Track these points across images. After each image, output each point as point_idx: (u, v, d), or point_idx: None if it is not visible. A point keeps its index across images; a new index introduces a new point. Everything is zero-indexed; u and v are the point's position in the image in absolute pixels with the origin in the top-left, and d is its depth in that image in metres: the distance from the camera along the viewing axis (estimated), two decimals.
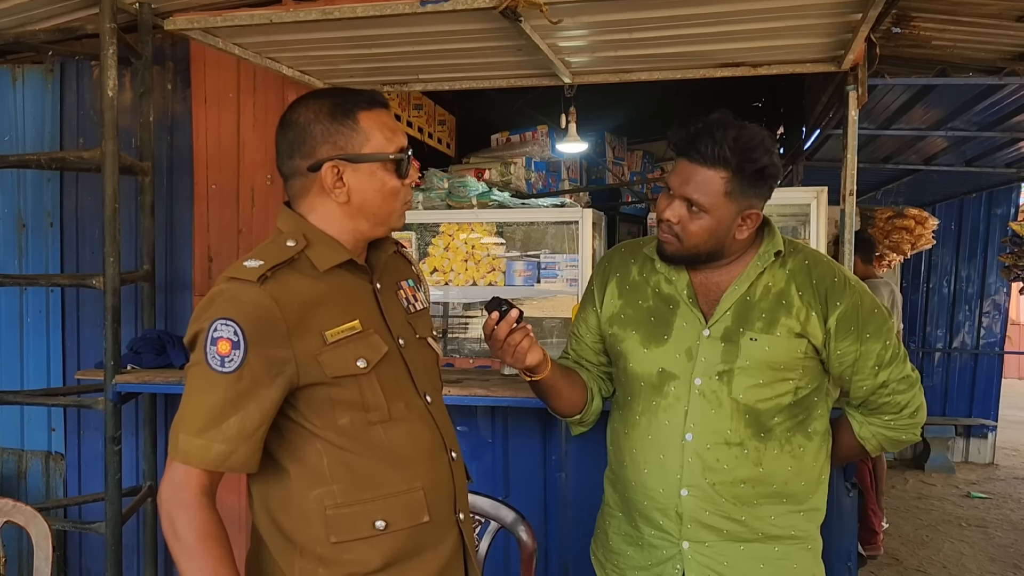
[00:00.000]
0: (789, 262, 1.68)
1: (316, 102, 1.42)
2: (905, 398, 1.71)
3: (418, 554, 1.41)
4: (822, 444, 1.72)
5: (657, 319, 1.71)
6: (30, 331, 3.88)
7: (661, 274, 1.74)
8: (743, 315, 1.64)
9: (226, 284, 1.33)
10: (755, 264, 1.67)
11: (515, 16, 2.40)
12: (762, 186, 1.62)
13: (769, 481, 1.63)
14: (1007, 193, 7.22)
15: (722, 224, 1.62)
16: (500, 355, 1.68)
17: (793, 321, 1.63)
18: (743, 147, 1.56)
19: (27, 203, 3.88)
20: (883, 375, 1.68)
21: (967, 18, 3.18)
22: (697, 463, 1.62)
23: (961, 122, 4.48)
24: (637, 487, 1.70)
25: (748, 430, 1.62)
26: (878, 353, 1.66)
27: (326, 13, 2.45)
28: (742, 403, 1.62)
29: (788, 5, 2.43)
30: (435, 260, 3.96)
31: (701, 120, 1.60)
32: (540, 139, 5.51)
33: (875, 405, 1.73)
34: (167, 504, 1.30)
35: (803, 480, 1.67)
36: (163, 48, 3.62)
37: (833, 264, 1.72)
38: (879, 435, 1.77)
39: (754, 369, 1.62)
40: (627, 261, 1.82)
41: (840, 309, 1.63)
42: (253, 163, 3.55)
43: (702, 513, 1.63)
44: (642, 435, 1.70)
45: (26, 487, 3.90)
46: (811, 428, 1.69)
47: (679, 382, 1.66)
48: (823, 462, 1.72)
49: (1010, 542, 5.04)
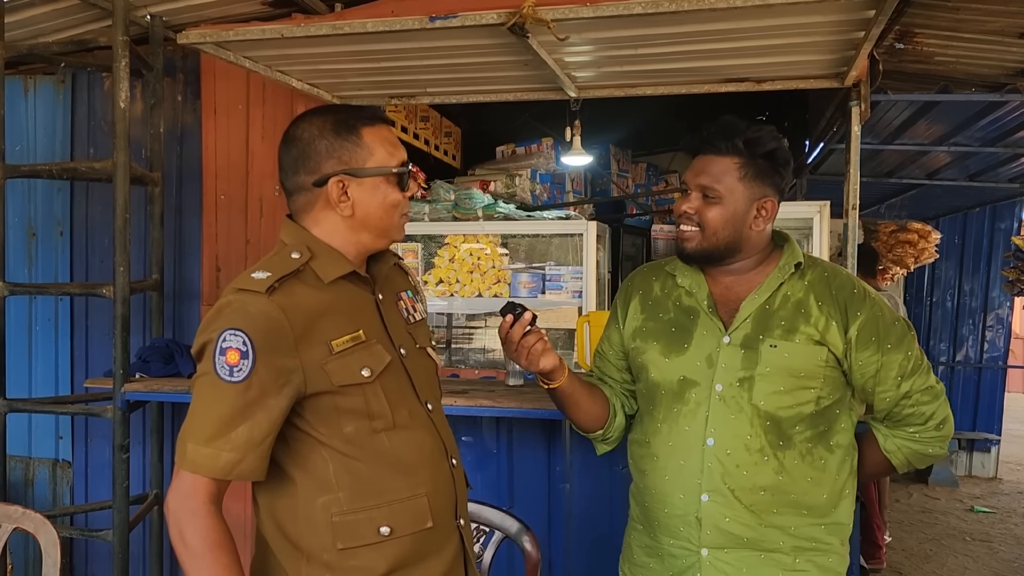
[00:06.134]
0: (808, 274, 1.71)
1: (319, 119, 1.45)
2: (929, 409, 1.70)
3: (422, 560, 1.43)
4: (845, 458, 1.71)
5: (678, 330, 1.74)
6: (39, 339, 3.92)
7: (682, 288, 1.77)
8: (762, 323, 1.67)
9: (234, 295, 1.35)
10: (775, 275, 1.70)
11: (522, 32, 2.43)
12: (775, 174, 1.69)
13: (788, 490, 1.64)
14: (1010, 207, 7.22)
15: (738, 211, 1.67)
16: (514, 358, 1.72)
17: (812, 329, 1.65)
18: (752, 135, 1.66)
19: (37, 212, 3.92)
20: (906, 386, 1.68)
21: (969, 34, 3.20)
22: (718, 468, 1.63)
23: (964, 137, 4.50)
24: (658, 495, 1.71)
25: (768, 437, 1.63)
26: (900, 363, 1.67)
27: (336, 28, 2.49)
28: (763, 409, 1.63)
29: (792, 23, 2.46)
30: (440, 271, 3.99)
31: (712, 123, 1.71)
32: (545, 151, 5.54)
33: (899, 417, 1.72)
34: (175, 513, 1.32)
35: (824, 493, 1.67)
36: (174, 60, 3.67)
37: (852, 277, 1.74)
38: (904, 448, 1.75)
39: (775, 376, 1.63)
40: (649, 279, 1.86)
41: (860, 319, 1.65)
42: (262, 174, 3.58)
43: (721, 519, 1.63)
44: (663, 442, 1.71)
45: (33, 495, 3.92)
46: (833, 441, 1.69)
47: (700, 388, 1.68)
48: (847, 476, 1.71)
49: (1014, 556, 5.02)
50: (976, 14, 2.96)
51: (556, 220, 4.07)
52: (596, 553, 2.95)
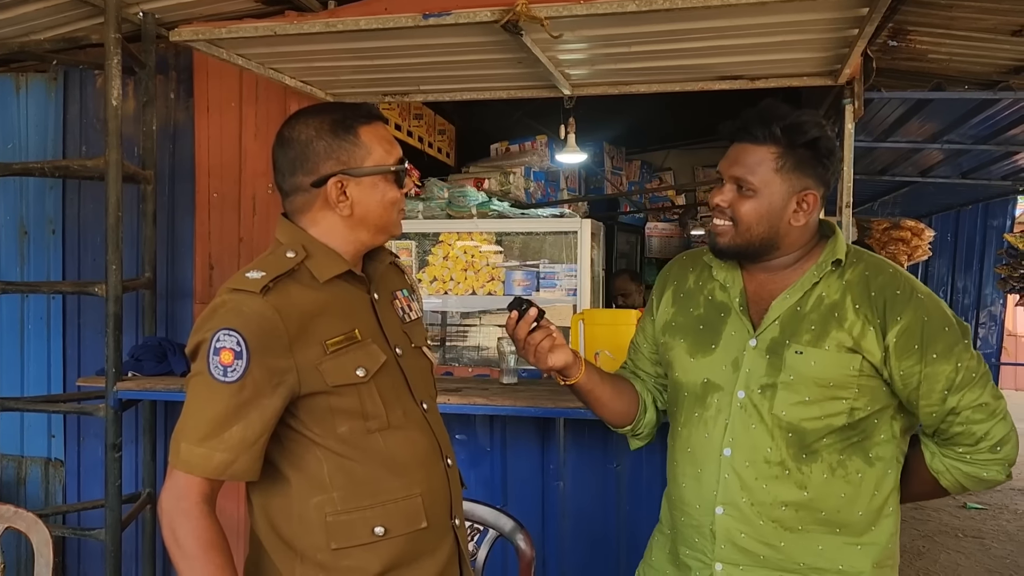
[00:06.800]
0: (848, 272, 1.55)
1: (316, 119, 1.43)
2: (983, 428, 1.50)
3: (416, 560, 1.43)
4: (888, 472, 1.55)
5: (706, 327, 1.63)
6: (31, 338, 3.90)
7: (717, 281, 1.66)
8: (791, 326, 1.54)
9: (228, 295, 1.34)
10: (811, 273, 1.56)
11: (516, 30, 2.42)
12: (816, 165, 1.54)
13: (817, 507, 1.51)
14: (1003, 205, 7.26)
15: (774, 205, 1.53)
16: (523, 355, 1.65)
17: (844, 335, 1.49)
18: (793, 122, 1.52)
19: (29, 210, 3.90)
20: (952, 400, 1.49)
21: (963, 32, 3.21)
22: (735, 480, 1.53)
23: (957, 135, 4.51)
24: (676, 501, 1.65)
25: (790, 450, 1.51)
26: (947, 375, 1.49)
27: (329, 26, 2.48)
28: (784, 420, 1.51)
29: (786, 20, 2.46)
30: (435, 269, 3.98)
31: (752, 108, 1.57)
32: (539, 149, 5.53)
33: (947, 435, 1.54)
34: (169, 512, 1.31)
35: (860, 509, 1.53)
36: (166, 57, 3.65)
37: (900, 274, 1.56)
38: (955, 469, 1.56)
39: (799, 385, 1.50)
40: (686, 269, 1.75)
41: (901, 324, 1.48)
42: (255, 172, 3.57)
43: (737, 535, 1.54)
44: (682, 447, 1.63)
45: (25, 494, 3.90)
46: (873, 453, 1.53)
47: (722, 394, 1.57)
48: (888, 492, 1.56)
49: (1006, 553, 5.04)
50: (969, 12, 2.97)
51: (550, 218, 4.07)
52: (590, 551, 2.95)
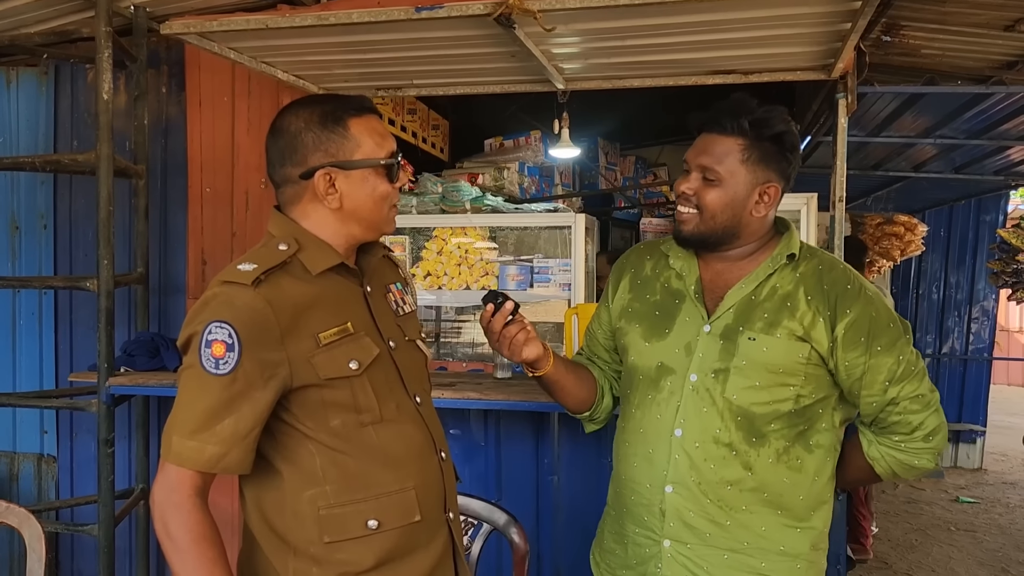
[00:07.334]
0: (802, 266, 1.64)
1: (306, 110, 1.43)
2: (918, 418, 1.60)
3: (410, 553, 1.43)
4: (827, 459, 1.64)
5: (662, 313, 1.70)
6: (23, 333, 3.88)
7: (673, 270, 1.73)
8: (745, 314, 1.61)
9: (220, 288, 1.34)
10: (766, 265, 1.64)
11: (509, 23, 2.42)
12: (780, 159, 1.61)
13: (761, 489, 1.59)
14: (996, 200, 7.27)
15: (738, 195, 1.60)
16: (497, 348, 1.68)
17: (795, 324, 1.58)
18: (761, 116, 1.57)
19: (20, 205, 3.88)
20: (893, 391, 1.59)
21: (956, 27, 3.21)
22: (684, 460, 1.60)
23: (950, 130, 4.51)
24: (626, 481, 1.70)
25: (739, 432, 1.58)
26: (889, 367, 1.58)
27: (321, 19, 2.47)
28: (735, 404, 1.58)
29: (778, 14, 2.46)
30: (428, 264, 3.98)
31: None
32: (533, 144, 5.53)
33: (885, 424, 1.63)
34: (160, 506, 1.31)
35: (801, 495, 1.61)
36: (158, 51, 3.64)
37: (850, 271, 1.65)
38: (889, 456, 1.66)
39: (750, 370, 1.58)
40: (643, 257, 1.81)
41: (850, 317, 1.57)
42: (247, 166, 3.56)
43: (686, 512, 1.60)
44: (635, 428, 1.69)
45: (18, 490, 3.89)
46: (813, 440, 1.62)
47: (675, 377, 1.64)
48: (827, 479, 1.65)
49: (998, 546, 5.07)
50: (962, 7, 2.97)
51: (544, 213, 4.06)
52: (584, 544, 2.95)
